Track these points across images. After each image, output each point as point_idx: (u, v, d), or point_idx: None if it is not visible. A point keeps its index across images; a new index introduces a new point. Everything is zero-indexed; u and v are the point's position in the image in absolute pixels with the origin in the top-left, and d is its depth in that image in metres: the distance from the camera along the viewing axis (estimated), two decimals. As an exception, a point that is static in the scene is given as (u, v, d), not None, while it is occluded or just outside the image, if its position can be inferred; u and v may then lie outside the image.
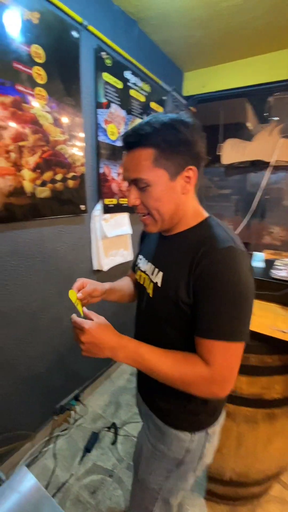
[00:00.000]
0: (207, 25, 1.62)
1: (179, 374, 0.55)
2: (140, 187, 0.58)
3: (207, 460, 0.73)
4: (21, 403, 1.35)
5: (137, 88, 1.68)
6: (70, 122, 1.29)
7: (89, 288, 0.75)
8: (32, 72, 1.08)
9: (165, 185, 0.57)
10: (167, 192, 0.58)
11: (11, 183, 1.07)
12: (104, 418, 1.70)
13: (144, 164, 0.56)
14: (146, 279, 0.71)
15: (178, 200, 0.59)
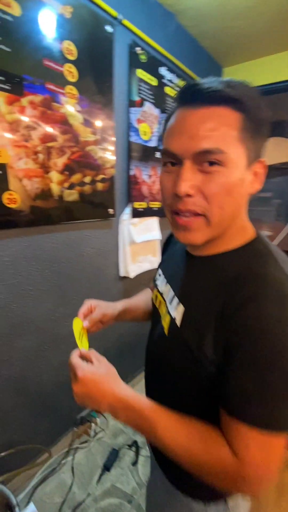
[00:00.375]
0: (252, 14, 1.47)
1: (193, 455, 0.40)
2: (205, 165, 0.38)
3: None
4: (42, 412, 1.30)
5: (172, 85, 1.58)
6: (101, 122, 1.22)
7: (97, 314, 0.65)
8: (63, 70, 1.04)
9: (241, 172, 0.39)
10: (239, 182, 0.40)
11: (39, 185, 1.03)
12: (125, 434, 1.60)
13: (226, 129, 0.37)
14: (163, 305, 0.56)
15: (241, 200, 0.42)
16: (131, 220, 1.51)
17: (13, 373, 1.13)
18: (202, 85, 0.38)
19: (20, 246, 1.05)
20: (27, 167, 0.99)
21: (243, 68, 2.02)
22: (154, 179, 1.60)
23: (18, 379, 1.16)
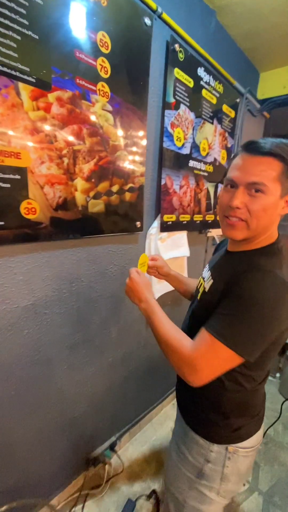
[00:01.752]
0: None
1: (169, 338, 0.62)
2: (254, 190, 0.59)
3: (232, 487, 0.72)
4: (50, 451, 1.13)
5: (209, 88, 1.44)
6: (133, 125, 1.08)
7: (159, 263, 0.94)
8: (96, 64, 0.91)
9: (275, 200, 0.59)
10: (273, 206, 0.59)
11: (61, 193, 0.89)
12: (143, 481, 1.39)
13: (270, 172, 0.57)
14: (202, 284, 0.75)
15: (274, 218, 0.62)
16: (159, 235, 1.34)
17: (20, 410, 0.97)
18: (261, 143, 0.58)
19: (37, 263, 0.90)
20: (50, 173, 0.85)
21: (284, 71, 1.85)
22: (186, 189, 1.44)
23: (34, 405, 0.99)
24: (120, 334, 1.32)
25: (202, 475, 0.72)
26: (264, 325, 0.52)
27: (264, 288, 0.53)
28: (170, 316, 0.70)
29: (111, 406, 1.39)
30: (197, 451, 0.72)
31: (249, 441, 0.72)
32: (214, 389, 0.65)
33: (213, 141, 1.58)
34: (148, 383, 1.65)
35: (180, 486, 0.77)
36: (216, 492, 0.72)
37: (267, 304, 0.52)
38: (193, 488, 0.74)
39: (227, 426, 0.69)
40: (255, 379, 0.65)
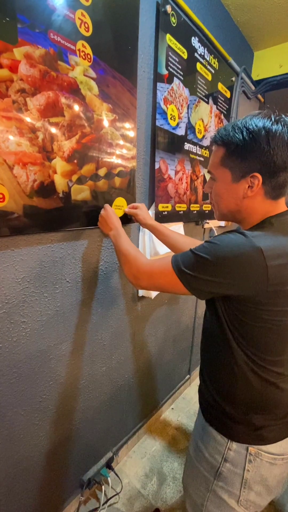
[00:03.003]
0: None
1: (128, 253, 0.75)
2: (211, 179, 0.65)
3: (256, 498, 0.64)
4: (38, 479, 0.97)
5: (204, 62, 1.29)
6: (122, 97, 0.93)
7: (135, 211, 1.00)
8: (74, 17, 0.74)
9: (227, 185, 0.60)
10: (226, 191, 0.61)
11: (37, 176, 0.73)
12: (144, 498, 1.26)
13: (215, 160, 0.61)
14: None
15: (240, 202, 0.60)
16: (154, 227, 1.20)
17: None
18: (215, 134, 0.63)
19: (9, 263, 0.74)
20: (21, 150, 0.68)
21: (280, 49, 1.73)
22: (181, 175, 1.30)
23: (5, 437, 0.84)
24: (113, 340, 1.18)
25: (219, 476, 0.66)
26: (215, 268, 0.53)
27: (230, 240, 0.53)
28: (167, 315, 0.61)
29: (106, 419, 1.25)
30: (213, 447, 0.67)
31: (275, 446, 0.63)
32: (226, 377, 0.64)
33: (209, 123, 1.44)
34: (146, 389, 1.51)
35: (197, 487, 0.71)
36: (236, 499, 0.65)
37: (225, 252, 0.52)
38: (211, 491, 0.68)
39: (247, 423, 0.63)
40: (266, 371, 0.60)
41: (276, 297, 0.53)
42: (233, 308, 0.58)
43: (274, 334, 0.57)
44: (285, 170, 0.55)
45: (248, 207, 0.60)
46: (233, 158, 0.57)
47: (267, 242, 0.52)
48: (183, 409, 1.78)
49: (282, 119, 0.54)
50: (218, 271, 0.53)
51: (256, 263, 0.50)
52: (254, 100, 2.00)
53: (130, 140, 1.00)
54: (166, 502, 1.24)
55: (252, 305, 0.55)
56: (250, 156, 0.55)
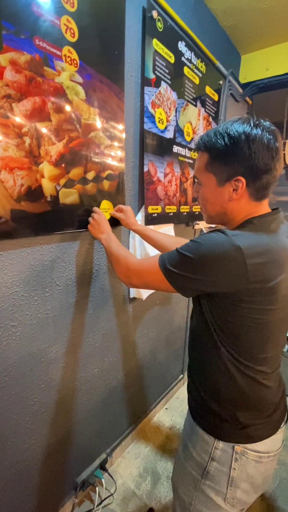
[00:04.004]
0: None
1: (119, 255, 0.78)
2: (197, 184, 0.68)
3: (242, 496, 0.66)
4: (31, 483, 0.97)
5: (191, 65, 1.31)
6: (109, 101, 0.94)
7: (120, 215, 1.02)
8: (59, 24, 0.75)
9: (212, 189, 0.62)
10: (212, 195, 0.63)
11: (24, 181, 0.73)
12: (138, 498, 1.27)
13: (199, 165, 0.64)
14: None
15: (225, 205, 0.63)
16: (144, 228, 1.21)
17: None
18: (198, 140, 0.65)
19: (-2, 267, 0.74)
20: (7, 155, 0.69)
21: (267, 53, 1.77)
22: (171, 178, 1.31)
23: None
24: (105, 341, 1.18)
25: (206, 475, 0.67)
26: (198, 266, 0.55)
27: (212, 239, 0.55)
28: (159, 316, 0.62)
29: (99, 421, 1.26)
30: (201, 447, 0.69)
31: (261, 444, 0.65)
32: (212, 375, 0.65)
33: (197, 125, 1.46)
34: (139, 389, 1.52)
35: (186, 487, 0.72)
36: (222, 497, 0.66)
37: (207, 250, 0.54)
38: (199, 490, 0.69)
39: (233, 422, 0.64)
40: (250, 369, 0.62)
41: (256, 295, 0.55)
42: (216, 306, 0.60)
43: (255, 332, 0.58)
44: (267, 172, 0.57)
45: (234, 209, 0.62)
46: (217, 163, 0.59)
47: (247, 241, 0.53)
48: (177, 409, 1.80)
49: (261, 124, 0.56)
50: (200, 269, 0.55)
51: (236, 261, 0.52)
52: (242, 103, 2.03)
53: (118, 143, 1.01)
54: (160, 501, 1.25)
55: (234, 302, 0.56)
56: (233, 160, 0.57)
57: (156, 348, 1.59)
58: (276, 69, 1.75)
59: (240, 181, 0.58)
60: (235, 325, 0.58)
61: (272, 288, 0.54)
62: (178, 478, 0.76)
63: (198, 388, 0.71)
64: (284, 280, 0.56)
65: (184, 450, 0.74)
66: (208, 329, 0.63)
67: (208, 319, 0.62)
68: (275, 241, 0.57)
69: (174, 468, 0.80)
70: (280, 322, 0.61)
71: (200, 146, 0.63)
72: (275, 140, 0.56)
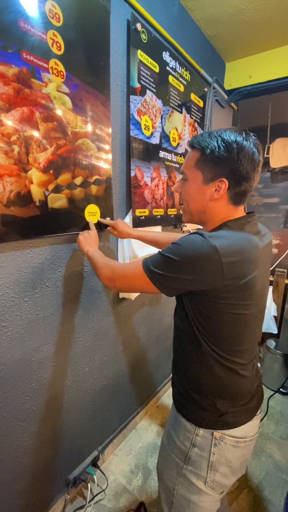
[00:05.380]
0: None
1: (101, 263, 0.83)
2: (183, 179, 0.72)
3: (221, 479, 0.71)
4: (23, 480, 1.00)
5: (176, 74, 1.37)
6: (95, 110, 0.98)
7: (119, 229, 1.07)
8: (46, 38, 0.79)
9: (197, 186, 0.67)
10: (196, 191, 0.68)
11: (13, 187, 0.77)
12: (130, 493, 1.30)
13: (189, 162, 0.68)
14: None
15: (206, 203, 0.68)
16: (132, 231, 1.25)
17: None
18: (191, 139, 0.70)
19: (-11, 269, 0.77)
20: (-3, 163, 0.72)
21: (250, 61, 1.84)
22: (158, 182, 1.36)
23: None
24: (95, 341, 1.22)
25: (188, 460, 0.72)
26: (179, 266, 0.59)
27: (191, 241, 0.59)
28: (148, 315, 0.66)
29: (91, 418, 1.29)
30: (184, 435, 0.73)
31: (238, 430, 0.70)
32: (194, 368, 0.70)
33: (183, 131, 1.52)
34: (130, 387, 1.56)
35: (169, 473, 0.76)
36: (203, 481, 0.70)
37: (187, 251, 0.59)
38: (182, 475, 0.73)
39: (212, 410, 0.69)
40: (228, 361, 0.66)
41: (232, 291, 0.60)
42: (197, 303, 0.64)
43: (233, 326, 0.63)
44: (247, 181, 0.63)
45: (213, 209, 0.68)
46: (206, 162, 0.64)
47: (222, 242, 0.58)
48: (168, 406, 1.84)
49: (250, 137, 0.63)
50: (181, 269, 0.59)
51: (213, 259, 0.57)
52: (228, 108, 2.10)
53: (105, 150, 1.05)
54: (151, 496, 1.29)
55: (212, 299, 0.61)
56: (222, 162, 0.62)
57: (147, 347, 1.63)
58: (258, 76, 1.83)
59: (224, 182, 0.63)
60: (215, 320, 0.63)
61: (246, 284, 0.60)
62: (162, 466, 0.80)
63: (182, 381, 0.75)
64: (257, 276, 0.61)
65: (168, 438, 0.78)
66: (190, 325, 0.67)
67: (190, 316, 0.67)
68: (249, 241, 0.62)
69: (159, 456, 0.84)
70: (255, 316, 0.66)
71: (194, 143, 0.66)
72: (258, 154, 0.63)
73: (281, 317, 2.18)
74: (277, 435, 1.66)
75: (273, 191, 2.27)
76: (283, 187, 2.23)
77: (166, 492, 0.77)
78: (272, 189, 2.28)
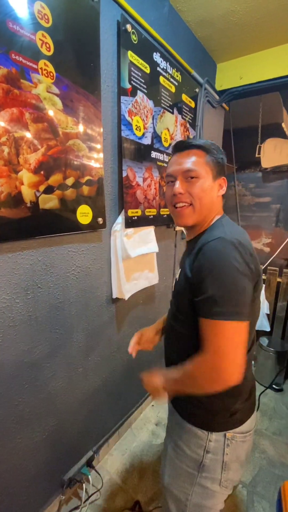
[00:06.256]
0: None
1: (186, 373, 0.63)
2: (189, 177, 0.69)
3: (233, 475, 0.72)
4: (18, 481, 1.00)
5: (167, 75, 1.38)
6: (86, 110, 0.98)
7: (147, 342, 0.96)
8: (35, 39, 0.79)
9: (210, 182, 0.70)
10: (209, 187, 0.70)
11: (4, 188, 0.77)
12: (125, 492, 1.31)
13: (199, 159, 0.70)
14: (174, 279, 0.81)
15: (214, 198, 0.72)
16: (124, 231, 1.26)
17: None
18: (186, 141, 0.73)
19: (-21, 271, 0.77)
20: (-14, 164, 0.72)
21: (240, 62, 1.86)
22: (150, 182, 1.37)
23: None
24: (89, 341, 1.22)
25: (203, 468, 0.70)
26: (236, 281, 0.56)
27: (219, 252, 0.58)
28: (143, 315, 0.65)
29: (85, 419, 1.29)
30: (195, 443, 0.70)
31: (245, 425, 0.72)
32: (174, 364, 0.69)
33: (175, 132, 1.52)
34: (125, 387, 1.56)
35: (181, 485, 0.73)
36: (218, 483, 0.71)
37: (226, 264, 0.57)
38: (196, 484, 0.71)
39: (224, 411, 0.69)
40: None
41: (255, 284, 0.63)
42: None
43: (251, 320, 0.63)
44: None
45: (216, 204, 0.73)
46: (213, 161, 0.70)
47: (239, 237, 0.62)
48: (163, 405, 1.85)
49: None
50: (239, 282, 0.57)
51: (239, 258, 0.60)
52: (220, 109, 2.12)
53: (96, 150, 1.05)
54: (146, 494, 1.30)
55: None
56: (220, 163, 0.72)
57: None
58: (248, 77, 1.84)
59: (225, 180, 0.73)
60: None
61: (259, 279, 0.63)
62: (171, 479, 0.76)
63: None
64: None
65: (175, 449, 0.75)
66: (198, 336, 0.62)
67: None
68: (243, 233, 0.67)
69: (166, 469, 0.78)
70: (257, 311, 0.69)
71: (198, 145, 0.70)
72: None
73: (273, 314, 2.21)
74: (270, 431, 1.69)
75: (265, 190, 2.30)
76: (275, 186, 2.26)
77: (177, 504, 0.75)
78: (264, 188, 2.31)
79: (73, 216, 1.01)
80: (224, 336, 0.55)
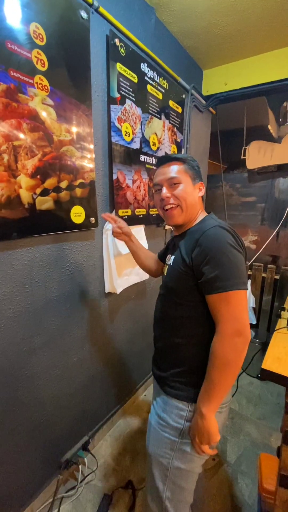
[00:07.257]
0: (236, 10, 1.41)
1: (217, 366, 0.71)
2: (173, 184, 0.84)
3: None
4: (18, 461, 1.08)
5: (154, 83, 1.47)
6: (77, 119, 1.07)
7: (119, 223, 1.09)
8: (31, 56, 0.88)
9: (190, 185, 0.85)
10: (191, 190, 0.85)
11: (4, 191, 0.85)
12: (118, 473, 1.40)
13: (180, 169, 0.85)
14: (165, 267, 0.92)
15: (196, 199, 0.87)
16: (116, 230, 1.35)
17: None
18: (167, 156, 0.87)
19: (-18, 267, 0.85)
20: (-12, 170, 0.81)
21: (224, 69, 1.96)
22: (139, 184, 1.46)
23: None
24: (84, 331, 1.31)
25: (183, 435, 0.79)
26: (235, 258, 0.70)
27: (218, 236, 0.72)
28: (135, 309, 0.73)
29: (81, 406, 1.38)
30: (177, 414, 0.80)
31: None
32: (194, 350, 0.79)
33: (163, 136, 1.62)
34: (119, 377, 1.66)
35: (164, 451, 0.82)
36: None
37: (224, 243, 0.70)
38: (176, 449, 0.80)
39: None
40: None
41: None
42: None
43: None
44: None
45: (198, 205, 0.88)
46: (190, 170, 0.85)
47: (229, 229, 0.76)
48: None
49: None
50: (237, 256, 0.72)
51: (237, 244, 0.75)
52: (207, 113, 2.22)
53: (88, 155, 1.14)
54: (138, 474, 1.40)
55: None
56: (196, 171, 0.87)
57: (133, 339, 1.73)
58: (233, 84, 1.95)
59: (202, 184, 0.89)
60: None
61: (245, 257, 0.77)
62: (155, 448, 0.84)
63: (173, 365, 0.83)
64: None
65: (159, 421, 0.84)
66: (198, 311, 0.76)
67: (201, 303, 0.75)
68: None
69: (150, 440, 0.87)
70: None
71: (176, 157, 0.86)
72: None
73: (259, 308, 2.33)
74: (255, 416, 1.80)
75: (250, 190, 2.42)
76: (259, 186, 2.38)
77: (160, 468, 0.83)
78: (250, 188, 2.42)
79: (67, 216, 1.09)
80: (236, 302, 0.68)
